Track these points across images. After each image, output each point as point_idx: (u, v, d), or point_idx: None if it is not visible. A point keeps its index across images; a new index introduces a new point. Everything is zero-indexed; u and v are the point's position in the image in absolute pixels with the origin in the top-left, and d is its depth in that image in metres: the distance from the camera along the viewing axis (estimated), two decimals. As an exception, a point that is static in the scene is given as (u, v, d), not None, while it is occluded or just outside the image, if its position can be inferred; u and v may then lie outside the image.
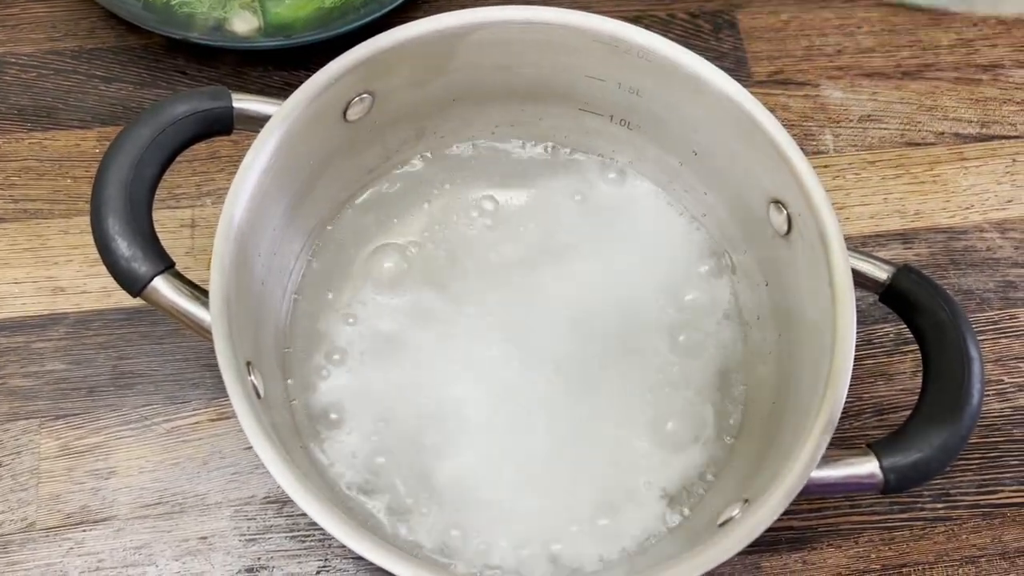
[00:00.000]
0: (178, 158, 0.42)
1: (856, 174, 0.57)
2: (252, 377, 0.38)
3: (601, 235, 0.49)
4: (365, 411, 0.45)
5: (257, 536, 0.46)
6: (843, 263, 0.39)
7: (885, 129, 0.58)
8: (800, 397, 0.41)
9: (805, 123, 0.58)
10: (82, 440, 0.47)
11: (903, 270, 0.41)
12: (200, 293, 0.39)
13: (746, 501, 0.38)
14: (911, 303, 0.41)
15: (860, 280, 0.41)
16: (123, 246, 0.38)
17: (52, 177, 0.53)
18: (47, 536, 0.45)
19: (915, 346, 0.51)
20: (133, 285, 0.38)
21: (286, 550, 0.46)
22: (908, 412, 0.50)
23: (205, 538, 0.46)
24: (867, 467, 0.38)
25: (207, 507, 0.46)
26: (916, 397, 0.50)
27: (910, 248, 0.55)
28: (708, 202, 0.48)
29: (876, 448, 0.38)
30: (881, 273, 0.41)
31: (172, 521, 0.46)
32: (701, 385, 0.46)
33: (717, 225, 0.49)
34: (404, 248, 0.48)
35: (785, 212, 0.43)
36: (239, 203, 0.39)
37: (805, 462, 0.36)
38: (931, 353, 0.40)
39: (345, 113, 0.44)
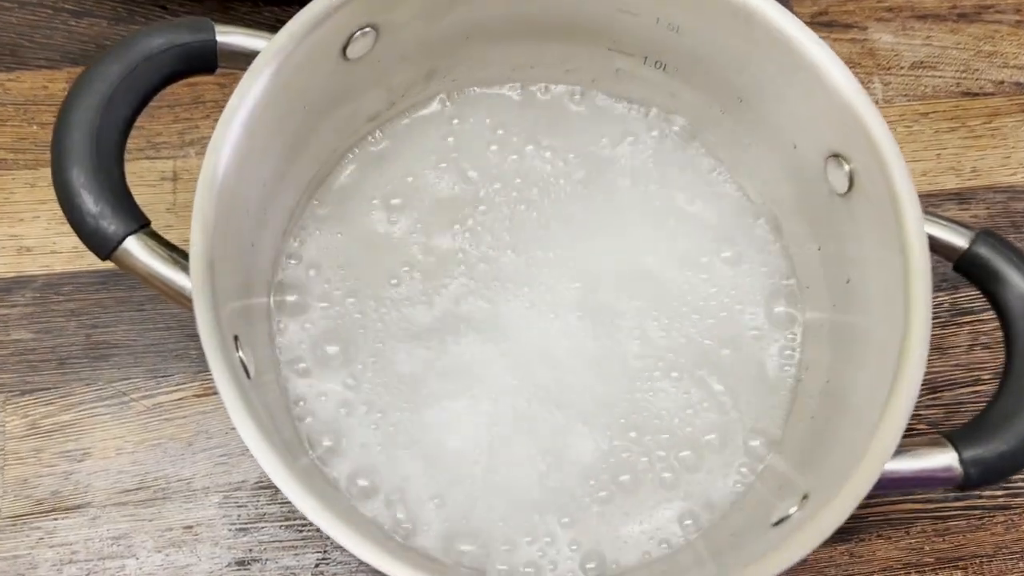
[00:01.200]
0: (157, 102, 0.37)
1: (907, 127, 0.52)
2: (240, 354, 0.33)
3: (628, 193, 0.44)
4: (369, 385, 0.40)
5: (249, 525, 0.41)
6: (918, 228, 0.34)
7: (939, 77, 0.53)
8: (862, 378, 0.36)
9: (852, 70, 0.51)
10: (52, 418, 0.42)
11: (982, 235, 0.36)
12: (180, 256, 0.34)
13: (804, 497, 0.34)
14: (992, 272, 0.36)
15: (933, 246, 0.36)
16: (89, 201, 0.33)
17: (16, 123, 0.47)
18: (14, 525, 0.41)
19: (971, 317, 0.48)
20: (102, 247, 0.33)
21: (281, 541, 0.41)
22: (964, 390, 0.47)
23: (191, 527, 0.41)
24: (943, 459, 0.33)
25: (193, 493, 0.42)
26: (972, 373, 0.47)
27: (966, 209, 0.50)
28: (752, 155, 0.43)
29: (953, 438, 0.34)
30: (958, 239, 0.36)
31: (154, 509, 0.41)
32: (740, 363, 0.41)
33: (762, 181, 0.44)
34: (410, 205, 0.43)
35: (846, 167, 0.38)
36: (224, 152, 0.34)
37: (877, 454, 0.32)
38: (1017, 328, 0.35)
39: (345, 50, 0.38)
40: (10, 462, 0.42)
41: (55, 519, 0.41)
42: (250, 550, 0.41)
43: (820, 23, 0.54)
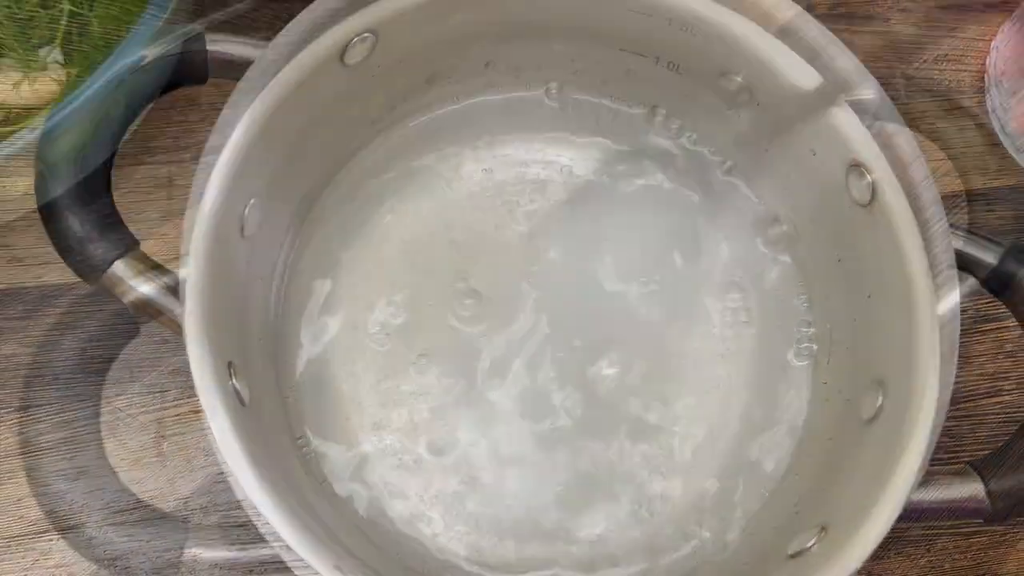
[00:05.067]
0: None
1: (930, 124, 0.49)
2: (234, 381, 0.32)
3: (639, 198, 0.43)
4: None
5: (251, 546, 0.40)
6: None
7: (965, 71, 0.50)
8: (887, 399, 0.34)
9: (872, 64, 0.49)
10: (46, 435, 0.41)
11: (1013, 251, 0.35)
12: (172, 280, 0.32)
13: (823, 529, 0.32)
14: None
15: (960, 262, 0.34)
16: (76, 224, 0.31)
17: (6, 127, 0.46)
18: (8, 546, 0.40)
19: (996, 324, 0.46)
20: (89, 273, 0.32)
21: (284, 562, 0.40)
22: (986, 400, 0.45)
23: (191, 548, 0.40)
24: (969, 489, 0.32)
25: (192, 512, 0.41)
26: (995, 383, 0.45)
27: (992, 210, 0.48)
28: (769, 160, 0.42)
29: (979, 467, 0.32)
30: (986, 254, 0.35)
31: (152, 529, 0.40)
32: (752, 378, 0.40)
33: (780, 187, 0.42)
34: (412, 217, 0.42)
35: (868, 178, 0.36)
36: (216, 172, 0.32)
37: (900, 485, 0.31)
38: (1048, 353, 0.33)
39: (343, 56, 0.37)
40: (3, 481, 0.41)
41: (50, 540, 0.40)
42: (251, 571, 0.40)
43: (839, 14, 0.51)
